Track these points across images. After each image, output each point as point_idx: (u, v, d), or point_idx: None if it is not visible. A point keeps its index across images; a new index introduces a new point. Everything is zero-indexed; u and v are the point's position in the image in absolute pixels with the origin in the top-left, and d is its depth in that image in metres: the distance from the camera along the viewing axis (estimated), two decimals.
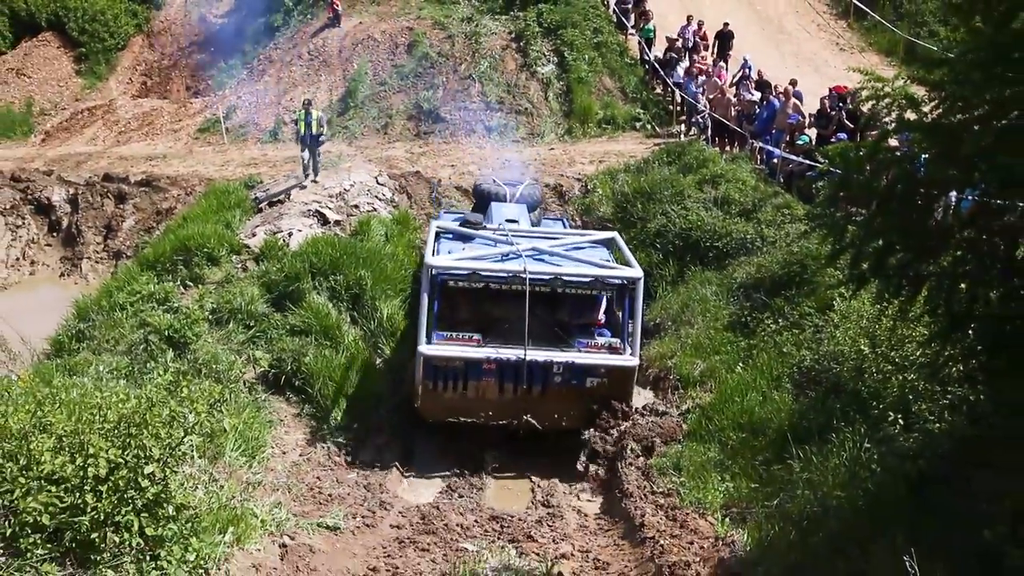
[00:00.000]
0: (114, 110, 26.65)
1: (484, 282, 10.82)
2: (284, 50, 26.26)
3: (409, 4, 26.32)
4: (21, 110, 26.86)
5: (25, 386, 5.37)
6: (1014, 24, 3.35)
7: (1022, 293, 3.94)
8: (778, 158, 16.52)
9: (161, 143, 24.05)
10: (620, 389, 10.62)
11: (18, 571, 3.96)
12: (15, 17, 28.91)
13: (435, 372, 10.29)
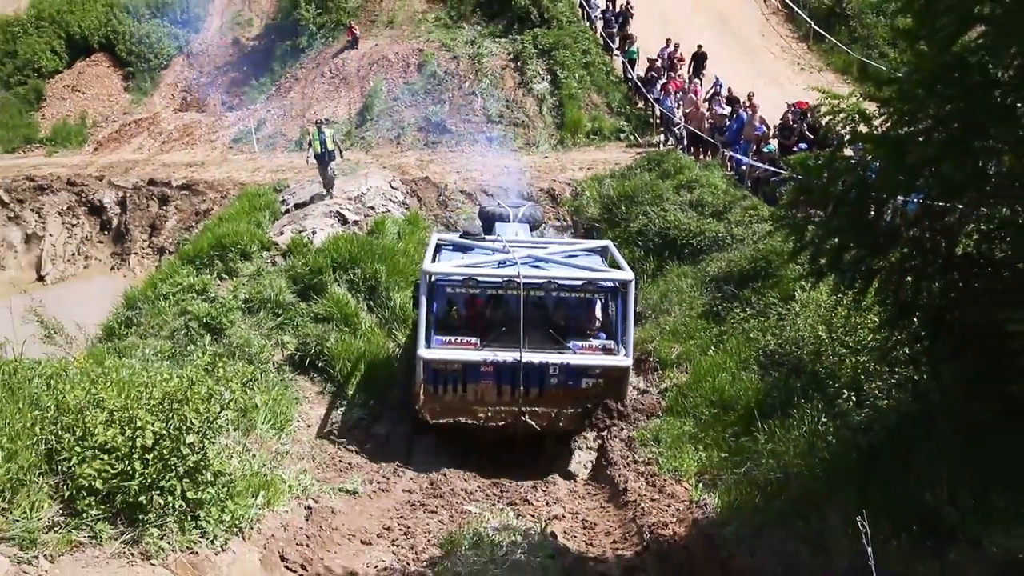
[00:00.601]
0: (158, 122, 26.59)
1: (480, 287, 10.12)
2: (308, 69, 26.17)
3: (419, 28, 26.27)
4: (76, 123, 26.80)
5: (80, 367, 5.39)
6: (954, 47, 3.35)
7: (960, 286, 3.95)
8: (746, 165, 16.52)
9: (199, 152, 24.01)
10: (615, 389, 9.85)
11: (76, 529, 3.98)
12: (70, 40, 28.85)
13: (435, 376, 9.57)
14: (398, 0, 27.78)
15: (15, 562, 3.55)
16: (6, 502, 3.76)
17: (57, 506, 4.01)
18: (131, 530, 4.23)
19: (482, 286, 10.03)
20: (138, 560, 4.14)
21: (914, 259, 4.08)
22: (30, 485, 3.91)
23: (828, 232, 4.30)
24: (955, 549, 3.21)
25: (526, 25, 25.22)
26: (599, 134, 21.94)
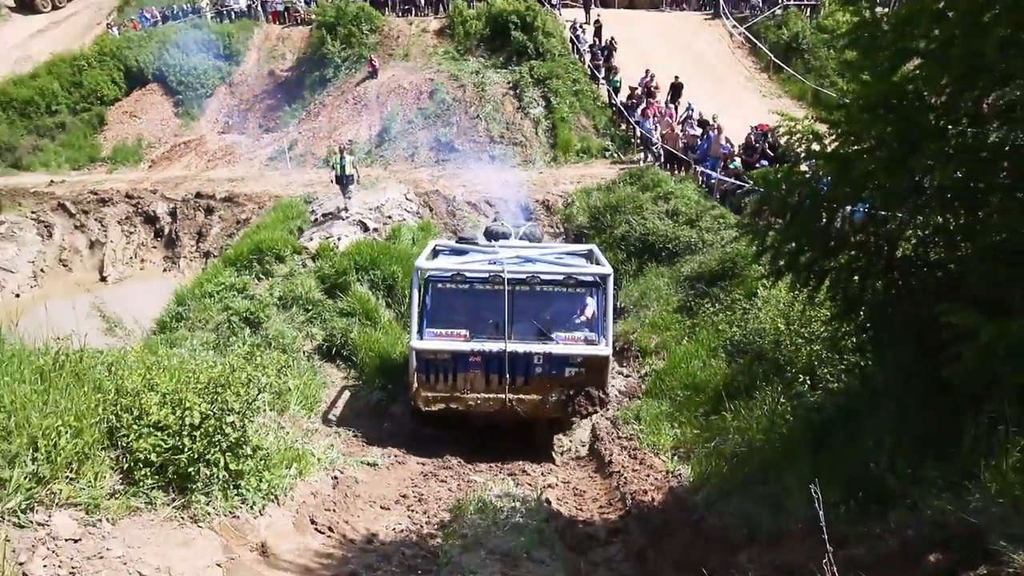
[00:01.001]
0: (204, 143, 26.62)
1: (468, 282, 9.46)
2: (334, 96, 26.19)
3: (430, 61, 26.31)
4: (133, 144, 26.81)
5: (137, 356, 5.39)
6: (893, 78, 3.36)
7: (900, 284, 3.96)
8: (715, 179, 16.57)
9: (239, 168, 24.03)
10: (596, 377, 9.06)
11: (133, 496, 4.00)
12: (128, 72, 28.93)
13: (427, 365, 8.98)
14: (412, 36, 27.85)
15: (82, 524, 3.56)
16: (73, 473, 3.77)
17: (117, 476, 4.02)
18: (181, 497, 4.25)
19: (470, 281, 9.45)
20: (187, 523, 4.16)
21: (860, 261, 4.09)
22: (94, 458, 3.91)
23: (786, 237, 4.31)
24: (895, 512, 3.22)
25: (524, 58, 25.33)
26: (587, 152, 22.01)
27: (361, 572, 4.60)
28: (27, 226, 21.14)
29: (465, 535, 5.19)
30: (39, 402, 4.01)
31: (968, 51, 3.03)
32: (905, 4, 3.26)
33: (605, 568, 5.14)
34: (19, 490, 3.41)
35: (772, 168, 7.16)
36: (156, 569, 3.51)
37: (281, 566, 4.44)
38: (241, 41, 30.21)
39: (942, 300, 3.15)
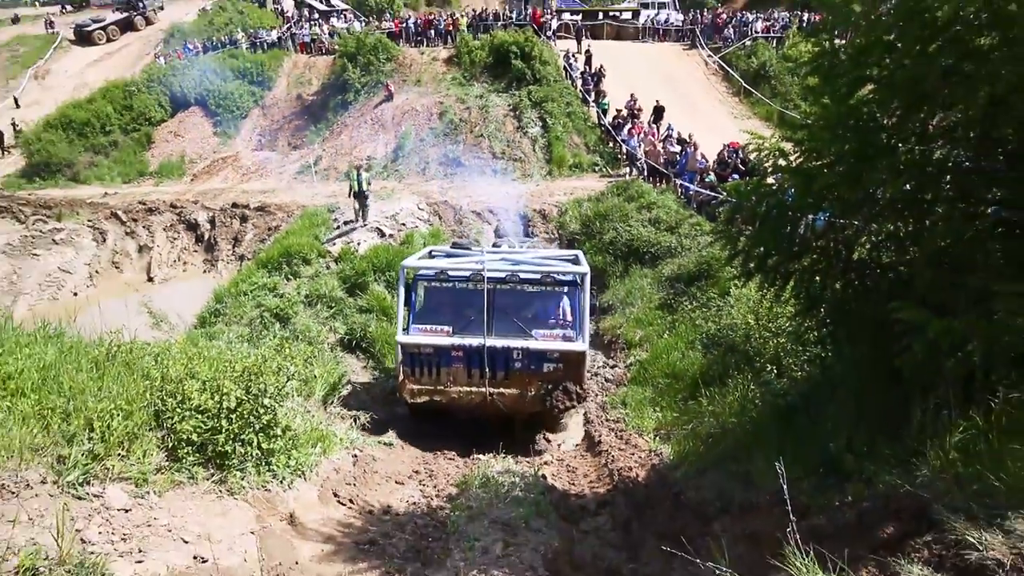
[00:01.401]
0: (239, 159, 26.59)
1: (451, 281, 8.88)
2: (354, 118, 26.16)
3: (440, 86, 26.29)
4: (177, 160, 26.80)
5: (180, 347, 5.40)
6: (849, 102, 3.36)
7: (856, 284, 3.96)
8: (692, 191, 16.54)
9: (271, 181, 24.01)
10: (573, 372, 8.45)
11: (177, 471, 4.00)
12: (173, 97, 28.93)
13: (412, 359, 8.44)
14: (424, 64, 27.83)
15: (132, 496, 3.56)
16: (125, 450, 3.77)
17: (163, 454, 4.01)
18: (219, 473, 4.26)
19: (452, 279, 8.88)
20: (225, 495, 4.16)
21: (820, 264, 4.09)
22: (142, 438, 3.92)
23: (755, 243, 4.31)
24: (851, 486, 3.22)
25: (522, 83, 25.30)
26: (579, 167, 21.96)
27: (378, 539, 4.59)
28: (84, 233, 21.15)
29: (470, 507, 5.18)
30: (94, 388, 4.03)
31: (914, 78, 3.03)
32: (860, 36, 3.25)
33: (594, 536, 5.14)
34: (77, 465, 3.42)
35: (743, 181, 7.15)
36: (197, 536, 3.50)
37: (308, 534, 4.44)
38: (272, 69, 30.21)
39: (893, 299, 3.15)
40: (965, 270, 3.06)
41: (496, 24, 30.24)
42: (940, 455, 2.79)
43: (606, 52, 27.63)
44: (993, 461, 2.60)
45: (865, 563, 2.50)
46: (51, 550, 2.71)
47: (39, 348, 4.40)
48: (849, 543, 2.64)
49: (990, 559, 2.20)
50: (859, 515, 2.97)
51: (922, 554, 2.41)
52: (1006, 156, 3.25)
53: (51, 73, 33.42)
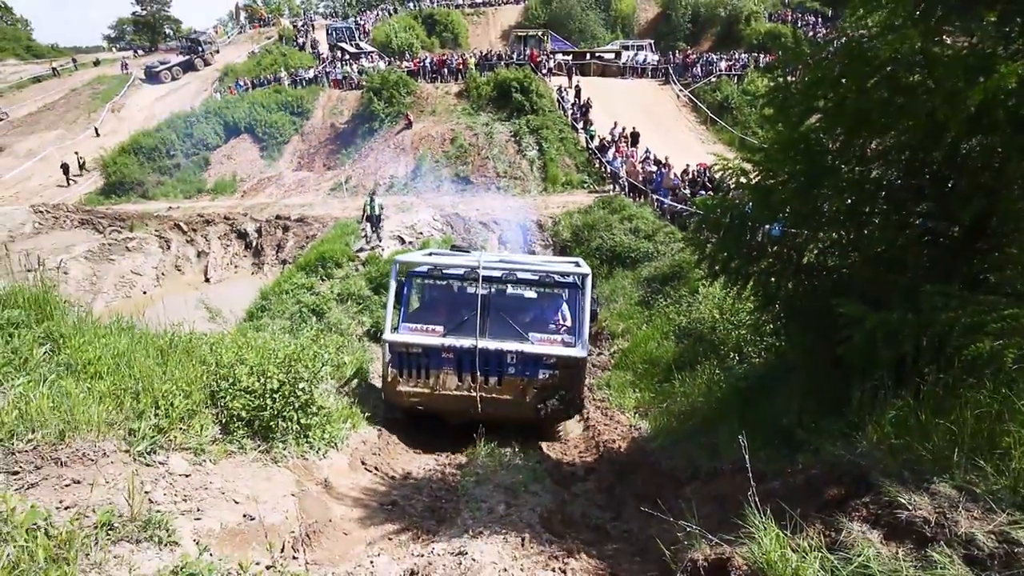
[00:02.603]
0: (281, 178, 26.62)
1: (445, 278, 7.40)
2: (379, 142, 26.18)
3: (451, 115, 26.31)
4: (230, 179, 26.87)
5: (232, 338, 5.39)
6: (800, 128, 3.35)
7: (806, 283, 3.94)
8: (667, 205, 16.51)
9: (308, 197, 24.01)
10: (570, 380, 6.85)
11: (229, 443, 4.00)
12: (227, 125, 29.09)
13: (400, 359, 6.91)
14: (438, 97, 27.86)
15: (191, 464, 3.55)
16: (185, 425, 3.77)
17: (217, 428, 4.01)
18: (265, 444, 4.25)
19: (447, 276, 7.41)
20: (270, 463, 4.15)
21: (775, 266, 4.07)
22: (200, 414, 3.92)
23: (719, 248, 4.29)
24: (801, 456, 3.21)
25: (522, 113, 25.35)
26: (570, 184, 21.97)
27: (399, 501, 4.58)
28: (152, 241, 21.15)
29: (478, 473, 5.17)
30: (159, 372, 4.02)
31: (856, 109, 3.01)
32: (809, 72, 3.24)
33: (583, 498, 5.13)
34: (145, 437, 3.41)
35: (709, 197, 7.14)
36: (246, 497, 3.50)
37: (339, 497, 4.43)
38: (310, 102, 30.23)
39: (837, 296, 3.14)
40: (897, 272, 3.04)
41: (499, 63, 30.21)
42: (877, 429, 2.78)
43: (593, 87, 27.61)
44: (921, 434, 2.59)
45: (812, 521, 2.49)
46: (123, 509, 2.71)
47: (114, 338, 4.39)
48: (799, 504, 2.63)
49: (918, 517, 2.19)
50: (807, 480, 2.96)
51: (861, 513, 2.40)
52: (932, 176, 3.23)
53: (125, 107, 33.48)
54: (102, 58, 43.20)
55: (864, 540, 2.21)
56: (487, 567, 2.97)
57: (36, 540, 2.26)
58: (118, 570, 2.36)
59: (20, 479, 2.78)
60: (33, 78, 38.57)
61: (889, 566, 2.04)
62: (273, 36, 42.31)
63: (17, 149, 29.13)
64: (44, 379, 3.46)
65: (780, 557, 2.21)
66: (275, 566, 2.80)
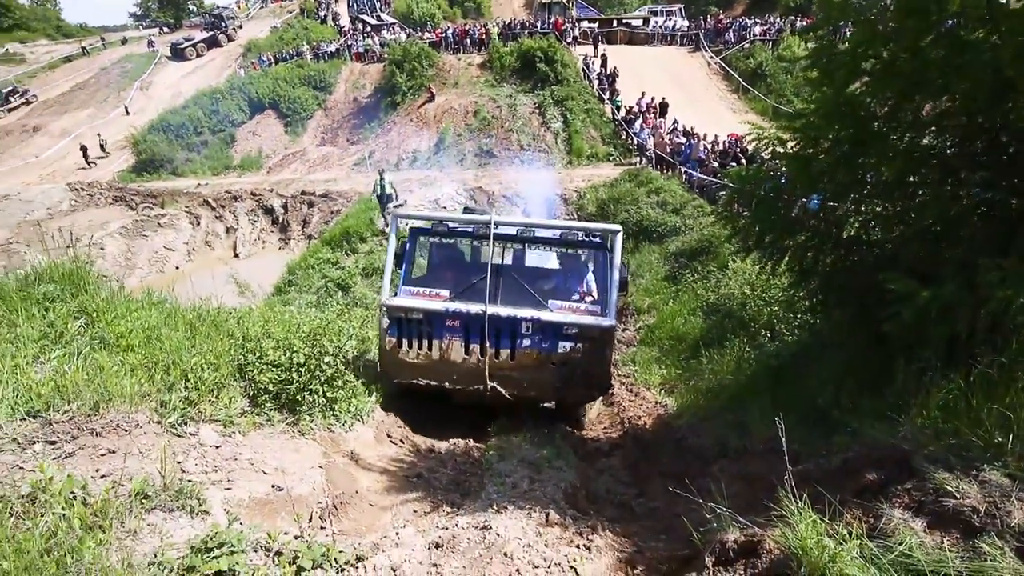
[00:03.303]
0: (306, 153, 26.73)
1: (452, 235, 6.33)
2: (402, 116, 26.03)
3: (475, 88, 25.95)
4: (255, 155, 27.09)
5: (259, 312, 5.45)
6: (846, 92, 3.14)
7: (845, 258, 3.77)
8: (695, 177, 16.11)
9: (333, 172, 24.10)
10: (596, 355, 5.67)
11: (257, 416, 4.06)
12: (251, 102, 29.25)
13: (399, 326, 5.80)
14: (460, 69, 27.48)
15: (221, 435, 3.62)
16: (214, 397, 3.83)
17: (245, 401, 4.07)
18: (292, 417, 4.30)
19: (454, 235, 6.34)
20: (297, 435, 4.21)
21: (813, 240, 3.90)
22: (228, 387, 3.98)
23: (753, 222, 4.13)
24: (838, 437, 3.09)
25: (546, 84, 24.85)
26: (595, 157, 21.58)
27: (424, 473, 4.61)
28: (182, 217, 21.56)
29: (502, 448, 5.17)
30: (189, 346, 4.09)
31: (909, 69, 2.81)
32: (858, 31, 3.02)
33: (608, 475, 5.10)
34: (176, 409, 3.48)
35: (743, 168, 6.90)
36: (275, 468, 3.55)
37: (366, 468, 4.48)
38: (332, 76, 30.13)
39: (880, 271, 2.98)
40: (949, 246, 2.86)
41: (523, 32, 29.56)
42: (922, 412, 2.65)
43: (619, 55, 26.86)
44: (971, 419, 2.45)
45: (850, 506, 2.39)
46: (156, 479, 2.76)
47: (145, 312, 4.47)
48: (835, 487, 2.53)
49: (966, 506, 2.08)
50: (844, 462, 2.85)
51: (903, 499, 2.29)
52: (990, 142, 3.01)
53: (153, 85, 33.87)
54: (129, 36, 43.64)
55: (906, 528, 2.11)
56: (511, 542, 2.96)
57: (73, 508, 2.31)
58: (151, 538, 2.41)
59: (58, 449, 2.85)
60: (64, 58, 39.21)
61: (933, 556, 1.94)
62: (295, 10, 42.08)
63: (52, 128, 29.80)
64: (78, 352, 3.53)
65: (816, 543, 2.12)
66: (302, 536, 2.83)
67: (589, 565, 2.95)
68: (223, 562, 2.31)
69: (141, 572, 2.16)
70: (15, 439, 2.76)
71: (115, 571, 2.08)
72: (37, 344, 3.55)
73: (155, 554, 2.28)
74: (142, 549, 2.32)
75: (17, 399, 2.96)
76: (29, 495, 2.33)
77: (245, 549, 2.44)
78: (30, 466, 2.57)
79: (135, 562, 2.20)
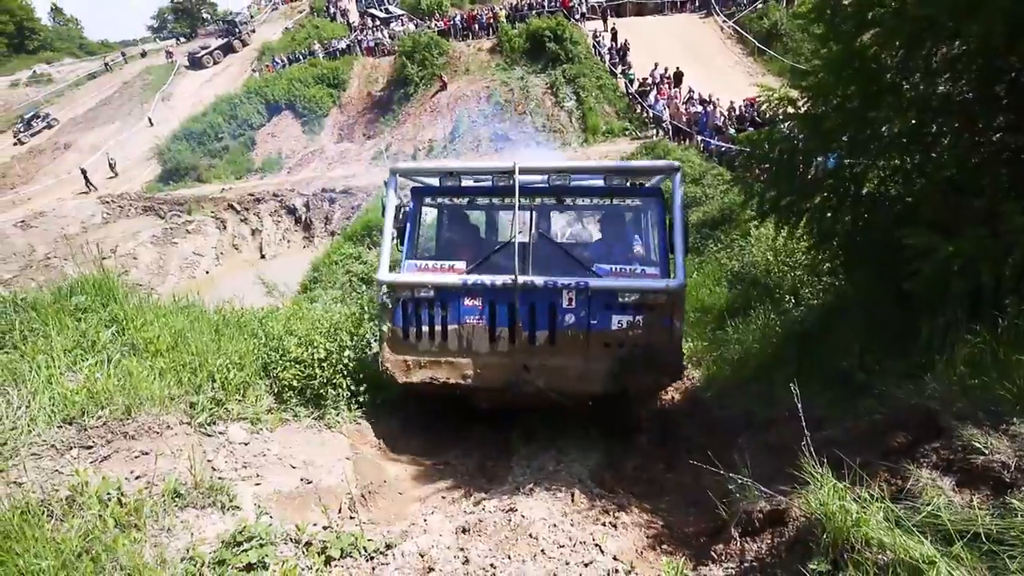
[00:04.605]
0: (324, 151, 26.98)
1: (468, 196, 4.85)
2: (416, 107, 26.01)
3: (486, 73, 25.74)
4: (275, 156, 27.49)
5: (285, 310, 5.54)
6: (854, 44, 3.00)
7: (866, 216, 3.64)
8: (714, 146, 15.72)
9: (351, 168, 24.28)
10: (663, 329, 4.20)
11: (283, 412, 4.15)
12: (268, 104, 29.64)
13: (403, 311, 4.43)
14: (471, 55, 27.27)
15: (249, 432, 3.71)
16: (241, 396, 3.93)
17: (271, 398, 4.16)
18: (317, 411, 4.37)
19: (468, 192, 4.87)
20: (323, 429, 4.29)
21: (831, 200, 3.77)
22: (254, 385, 4.07)
23: (768, 185, 4.02)
24: (863, 400, 3.01)
25: (557, 63, 24.50)
26: (611, 132, 21.24)
27: (451, 460, 4.65)
28: (209, 222, 22.09)
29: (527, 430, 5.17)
30: (215, 348, 4.17)
31: (919, 15, 2.66)
32: None
33: (634, 450, 5.06)
34: (204, 409, 3.57)
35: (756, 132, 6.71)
36: (302, 462, 3.63)
37: (393, 458, 4.54)
38: (345, 72, 30.24)
39: (902, 226, 2.86)
40: (971, 195, 2.72)
41: (531, 13, 29.07)
42: (948, 368, 2.55)
43: (630, 28, 26.22)
44: (1000, 372, 2.35)
45: (876, 468, 2.33)
46: (188, 477, 2.84)
47: (171, 317, 4.58)
48: (861, 451, 2.47)
49: (996, 461, 2.00)
50: (871, 425, 2.78)
51: (931, 459, 2.22)
52: (1009, 84, 2.84)
53: (174, 95, 34.56)
54: (148, 49, 44.49)
55: (934, 488, 2.04)
56: (536, 523, 2.97)
57: (109, 509, 2.40)
58: (184, 534, 2.49)
59: (93, 453, 2.96)
60: (89, 75, 40.25)
61: (962, 515, 1.87)
62: (305, 9, 42.21)
63: (81, 144, 30.73)
64: (110, 359, 3.65)
65: (840, 508, 2.07)
66: (331, 526, 2.90)
67: (614, 542, 2.95)
68: (253, 555, 2.38)
69: (174, 567, 2.23)
70: (53, 445, 2.87)
71: (149, 567, 2.15)
72: (71, 353, 3.67)
73: (187, 549, 2.36)
74: (175, 545, 2.40)
75: (53, 407, 3.08)
76: (67, 498, 2.43)
77: (275, 541, 2.51)
78: (68, 470, 2.68)
79: (168, 558, 2.28)
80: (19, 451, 2.76)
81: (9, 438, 2.80)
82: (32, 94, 38.38)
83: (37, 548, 2.03)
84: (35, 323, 3.82)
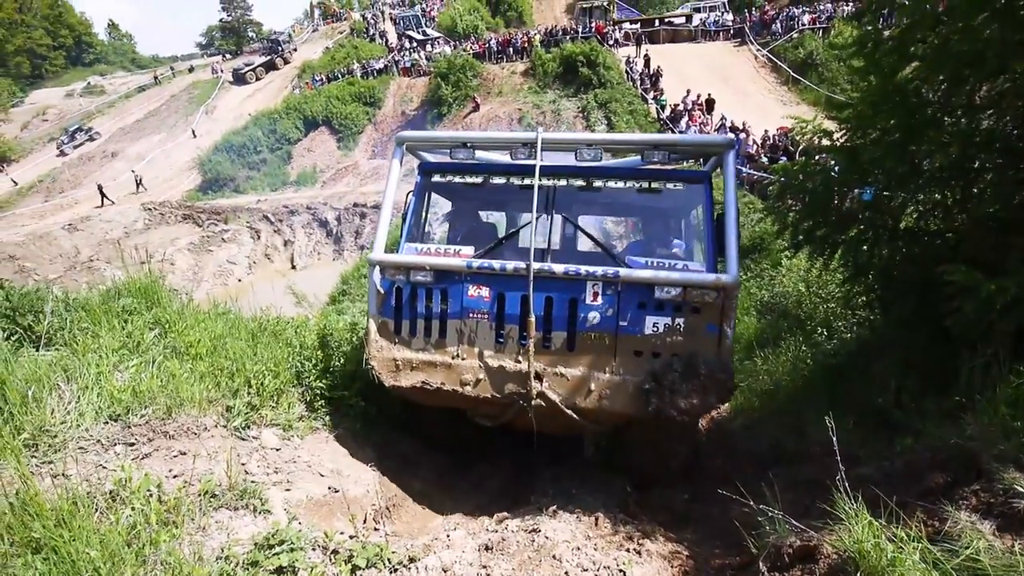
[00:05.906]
0: (358, 167, 27.62)
1: (482, 174, 4.14)
2: (448, 126, 26.50)
3: (518, 95, 26.13)
4: (311, 170, 28.23)
5: (317, 321, 5.67)
6: (895, 79, 3.01)
7: (903, 250, 3.59)
8: (745, 173, 15.63)
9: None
10: (709, 335, 3.35)
11: (314, 420, 4.22)
12: (306, 120, 30.66)
13: (395, 301, 3.87)
14: (504, 78, 27.72)
15: (281, 439, 3.79)
16: (274, 403, 4.01)
17: (303, 406, 4.23)
18: (346, 422, 4.43)
19: (482, 171, 4.17)
20: (351, 440, 4.31)
21: (868, 233, 3.74)
22: (287, 393, 4.15)
23: (803, 216, 4.00)
24: (900, 439, 2.94)
25: (589, 88, 24.75)
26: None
27: (476, 477, 4.66)
28: (244, 232, 22.69)
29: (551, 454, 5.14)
30: (251, 354, 4.29)
31: (962, 50, 2.66)
32: (905, 13, 2.89)
33: None
34: (240, 414, 3.67)
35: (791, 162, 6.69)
36: (331, 471, 3.68)
37: (419, 472, 4.56)
38: (381, 91, 31.07)
39: (940, 263, 2.83)
40: (1014, 233, 2.69)
41: (565, 38, 29.55)
42: (989, 409, 2.49)
43: (663, 54, 26.45)
44: None
45: (913, 508, 2.28)
46: (222, 479, 2.92)
47: (211, 323, 4.73)
48: (897, 490, 2.41)
49: None
50: (907, 464, 2.71)
51: (970, 501, 2.16)
52: None
53: (217, 109, 35.92)
54: (196, 64, 46.52)
55: (973, 531, 1.99)
56: (560, 544, 2.97)
57: (150, 505, 2.49)
58: (219, 534, 2.56)
59: (136, 450, 3.07)
60: (139, 88, 42.17)
61: (1003, 560, 1.82)
62: (345, 30, 43.66)
63: (128, 153, 32.07)
64: (153, 360, 3.79)
65: (874, 547, 2.03)
66: (357, 536, 2.94)
67: (639, 569, 2.92)
68: (284, 558, 2.43)
69: (210, 565, 2.30)
70: (99, 441, 2.99)
71: (187, 563, 2.22)
72: (117, 353, 3.83)
73: (222, 549, 2.43)
74: (211, 544, 2.47)
75: (101, 404, 3.21)
76: (111, 492, 2.53)
77: (304, 547, 2.56)
78: (112, 465, 2.78)
79: (204, 556, 2.35)
80: (67, 444, 2.88)
81: (59, 432, 2.93)
82: (85, 104, 40.33)
83: (86, 538, 2.12)
84: (84, 322, 3.99)
